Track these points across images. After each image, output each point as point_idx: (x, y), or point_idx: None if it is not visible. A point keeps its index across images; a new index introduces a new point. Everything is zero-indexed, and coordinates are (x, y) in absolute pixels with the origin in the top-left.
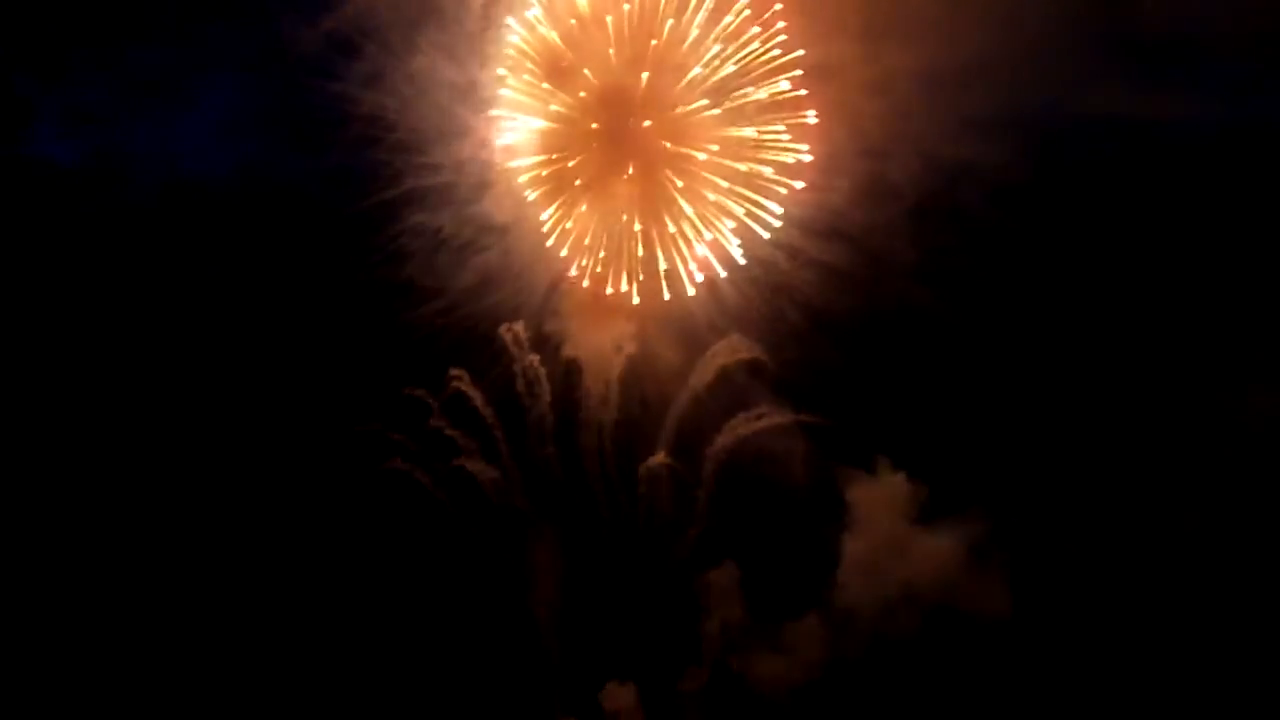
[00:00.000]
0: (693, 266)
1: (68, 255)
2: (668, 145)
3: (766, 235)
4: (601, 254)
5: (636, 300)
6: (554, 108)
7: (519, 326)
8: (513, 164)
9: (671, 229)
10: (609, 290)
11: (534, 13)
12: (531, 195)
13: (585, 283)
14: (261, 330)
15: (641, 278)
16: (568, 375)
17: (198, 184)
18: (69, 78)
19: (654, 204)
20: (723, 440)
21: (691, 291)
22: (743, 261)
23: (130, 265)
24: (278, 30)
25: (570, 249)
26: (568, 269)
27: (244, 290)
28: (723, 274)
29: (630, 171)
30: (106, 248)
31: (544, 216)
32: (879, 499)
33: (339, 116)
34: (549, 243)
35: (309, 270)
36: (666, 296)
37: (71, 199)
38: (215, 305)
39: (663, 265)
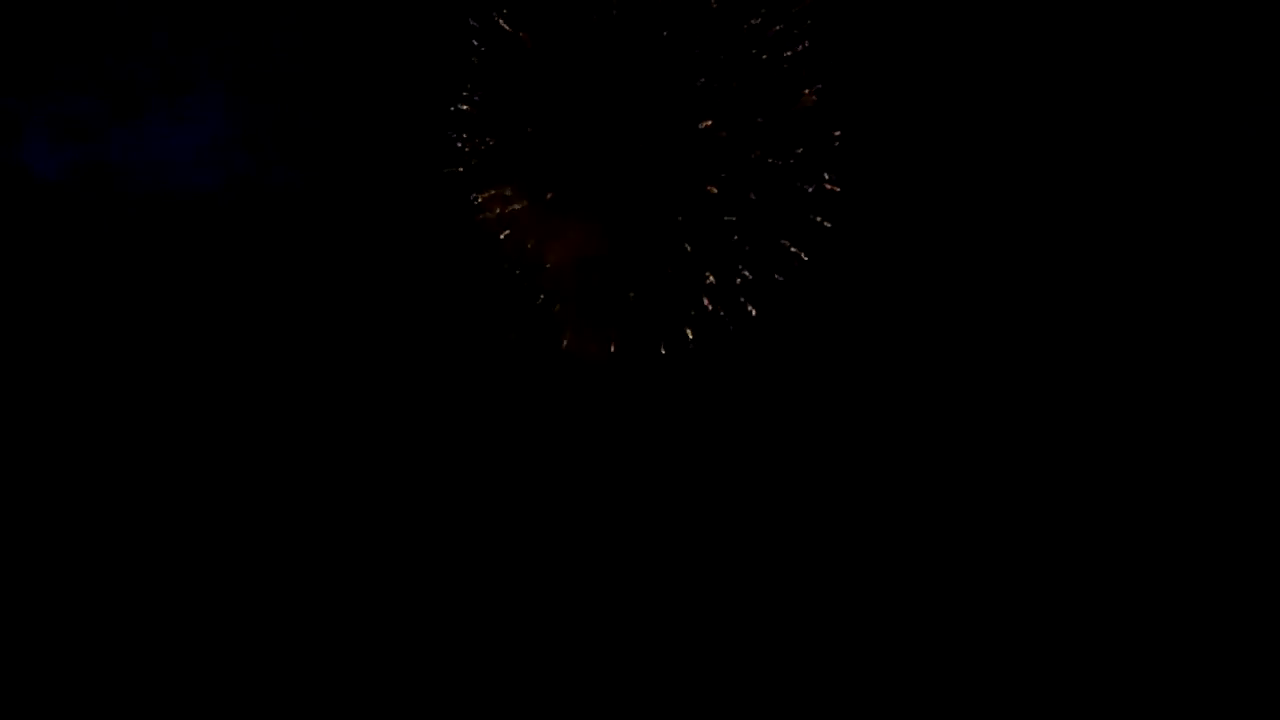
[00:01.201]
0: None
1: (57, 267)
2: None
3: (780, 278)
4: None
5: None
6: (530, 129)
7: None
8: (479, 198)
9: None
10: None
11: (512, 21)
12: (501, 234)
13: (564, 342)
14: (251, 343)
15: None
16: None
17: (187, 196)
18: (56, 89)
19: (650, 245)
20: None
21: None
22: (754, 313)
23: (120, 277)
24: (267, 42)
25: (545, 300)
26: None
27: (235, 302)
28: (731, 328)
29: (622, 205)
30: (95, 260)
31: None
32: None
33: (329, 129)
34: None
35: (300, 282)
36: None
37: (59, 211)
38: (206, 317)
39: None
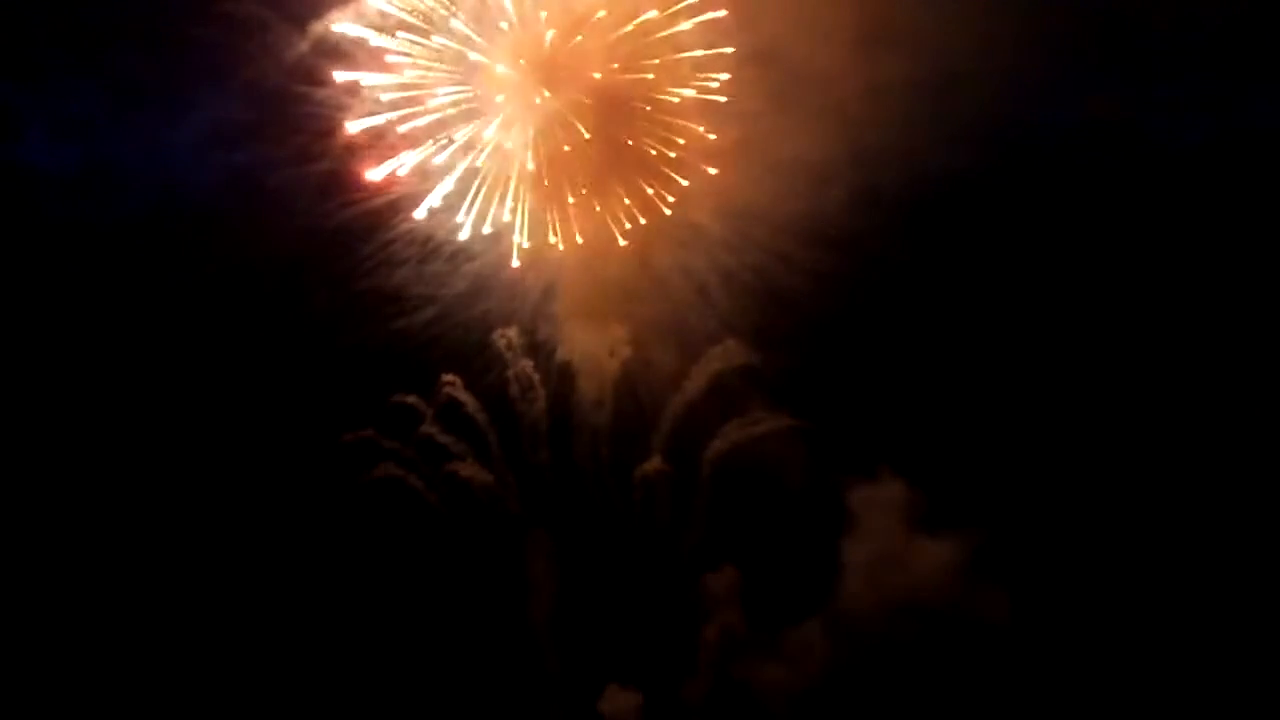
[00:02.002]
0: None
1: (57, 264)
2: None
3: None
4: None
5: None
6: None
7: (512, 332)
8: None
9: None
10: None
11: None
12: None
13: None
14: (253, 339)
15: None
16: (562, 381)
17: (187, 192)
18: (58, 86)
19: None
20: (719, 445)
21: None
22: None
23: (119, 274)
24: (267, 38)
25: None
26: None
27: (235, 299)
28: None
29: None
30: (95, 256)
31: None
32: (879, 505)
33: (329, 124)
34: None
35: (300, 279)
36: None
37: (61, 207)
38: (205, 314)
39: None
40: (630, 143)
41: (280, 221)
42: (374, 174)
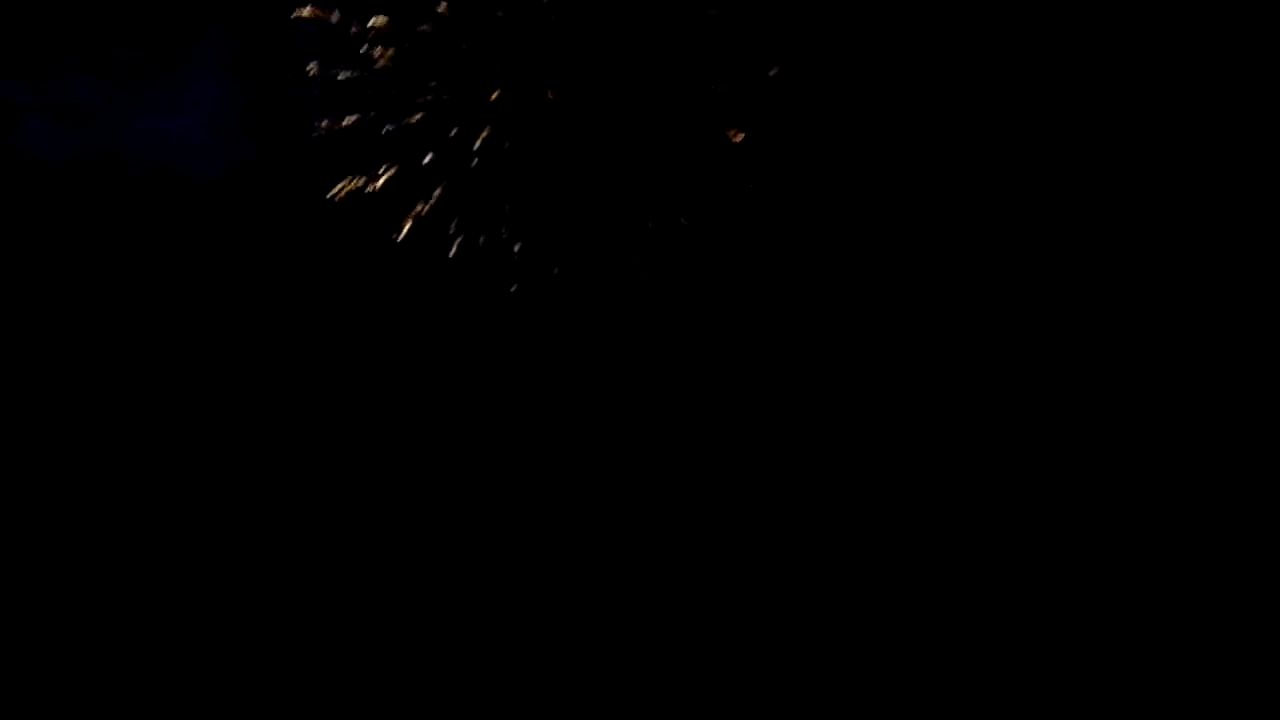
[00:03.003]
0: None
1: (57, 253)
2: None
3: None
4: None
5: None
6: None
7: None
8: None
9: None
10: None
11: None
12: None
13: None
14: (253, 328)
15: None
16: None
17: (187, 181)
18: (57, 75)
19: None
20: None
21: None
22: None
23: (121, 263)
24: (267, 24)
25: None
26: None
27: (235, 287)
28: None
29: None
30: (96, 246)
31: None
32: None
33: (329, 111)
34: None
35: (301, 267)
36: None
37: (60, 196)
38: (207, 303)
39: None
40: (655, 148)
41: (281, 209)
42: (330, 194)
